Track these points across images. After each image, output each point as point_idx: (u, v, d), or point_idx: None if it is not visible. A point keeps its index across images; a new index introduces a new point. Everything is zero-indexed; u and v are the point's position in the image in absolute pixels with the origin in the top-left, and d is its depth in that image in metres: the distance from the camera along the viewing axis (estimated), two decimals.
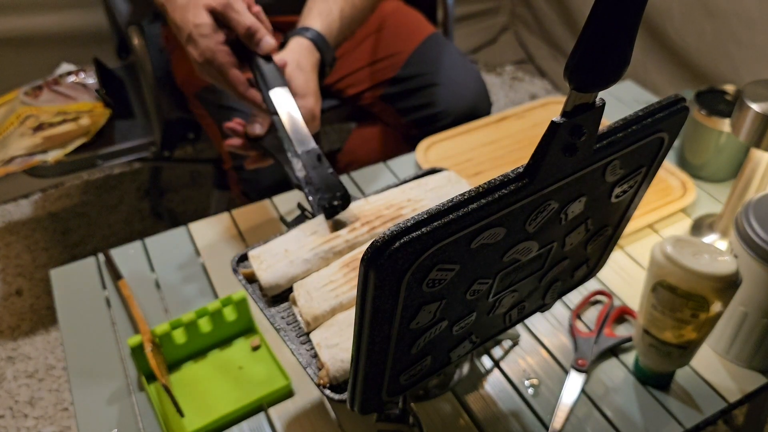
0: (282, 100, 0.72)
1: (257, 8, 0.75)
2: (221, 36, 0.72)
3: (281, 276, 0.61)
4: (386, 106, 1.19)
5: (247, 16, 0.72)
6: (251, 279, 0.62)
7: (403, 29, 1.20)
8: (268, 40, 0.73)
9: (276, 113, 0.72)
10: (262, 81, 0.73)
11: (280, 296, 0.62)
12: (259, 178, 1.05)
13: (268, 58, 0.75)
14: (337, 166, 1.30)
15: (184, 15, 0.72)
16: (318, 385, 0.54)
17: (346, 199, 0.67)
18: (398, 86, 1.18)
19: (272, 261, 0.61)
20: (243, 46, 0.74)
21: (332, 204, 0.66)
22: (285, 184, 0.99)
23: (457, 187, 0.69)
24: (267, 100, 0.73)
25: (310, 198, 0.68)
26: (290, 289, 0.61)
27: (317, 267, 0.63)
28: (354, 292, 0.59)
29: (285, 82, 0.74)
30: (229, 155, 1.08)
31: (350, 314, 0.59)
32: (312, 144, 0.71)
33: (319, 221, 0.66)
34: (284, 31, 1.18)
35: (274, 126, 0.74)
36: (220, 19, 0.72)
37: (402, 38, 1.19)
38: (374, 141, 1.23)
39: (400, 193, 0.69)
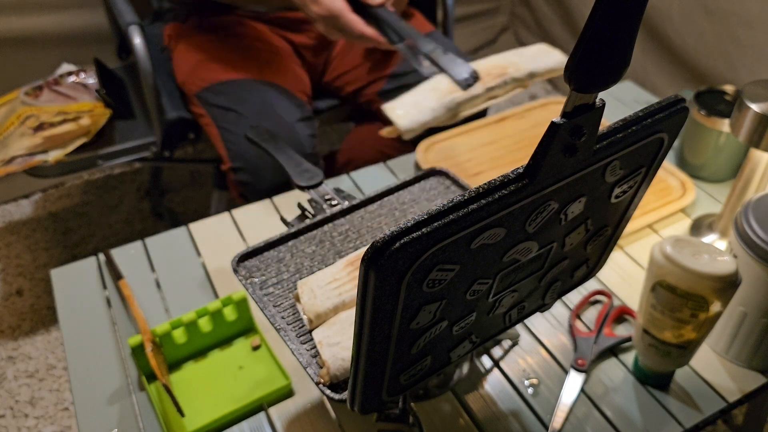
0: (403, 28, 0.92)
1: None
2: None
3: (414, 121, 0.86)
4: (384, 102, 1.19)
5: None
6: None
7: None
8: None
9: (400, 41, 0.92)
10: (384, 22, 0.93)
11: (280, 295, 0.62)
12: (256, 181, 1.05)
13: (378, 5, 0.94)
14: (336, 164, 1.31)
15: None
16: (318, 385, 0.55)
17: (475, 75, 0.87)
18: (396, 82, 1.18)
19: (405, 110, 0.85)
20: (357, 3, 0.92)
21: (465, 78, 0.85)
22: (282, 187, 0.99)
23: (552, 55, 0.91)
24: (391, 34, 0.92)
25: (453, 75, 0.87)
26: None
27: (443, 117, 0.87)
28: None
29: (399, 18, 0.93)
30: (227, 156, 1.08)
31: (352, 313, 0.59)
32: (433, 43, 0.91)
33: (442, 79, 0.88)
34: (290, 28, 1.19)
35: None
36: None
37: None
38: (372, 139, 1.24)
39: (503, 60, 0.90)
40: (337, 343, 0.56)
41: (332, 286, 0.59)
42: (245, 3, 1.15)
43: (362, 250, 0.63)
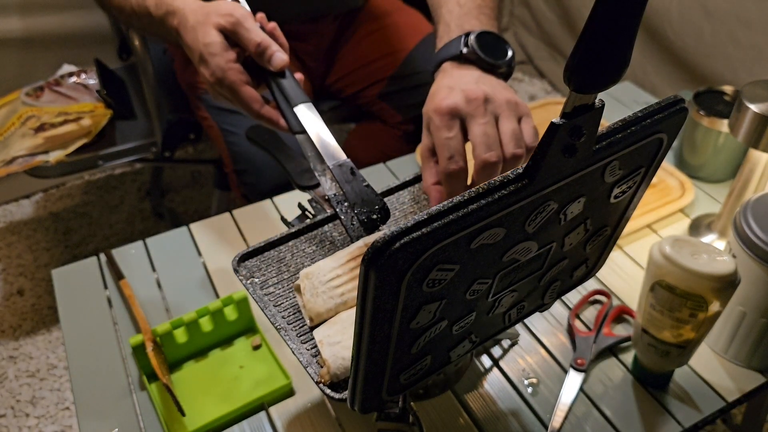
0: (307, 117, 0.69)
1: (272, 25, 0.73)
2: (232, 54, 0.70)
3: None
4: (384, 104, 1.19)
5: (257, 32, 0.69)
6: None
7: (401, 28, 1.20)
8: (280, 56, 0.70)
9: (302, 131, 0.68)
10: (282, 99, 0.70)
11: (281, 295, 0.62)
12: (259, 182, 1.05)
13: (283, 74, 0.71)
14: None
15: (194, 36, 0.70)
16: (318, 384, 0.55)
17: (385, 212, 0.64)
18: (396, 84, 1.18)
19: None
20: (258, 66, 0.71)
21: (371, 218, 0.63)
22: (285, 187, 1.00)
23: None
24: (289, 118, 0.69)
25: (343, 217, 0.64)
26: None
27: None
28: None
29: (307, 98, 0.70)
30: (229, 158, 1.08)
31: (353, 313, 0.59)
32: (343, 157, 0.67)
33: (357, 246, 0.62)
34: (299, 39, 1.18)
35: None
36: (231, 38, 0.70)
37: (400, 37, 1.20)
38: (372, 139, 1.24)
39: None
40: (338, 342, 0.56)
41: (334, 284, 0.59)
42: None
43: (366, 241, 0.62)
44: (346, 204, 0.65)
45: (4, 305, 1.46)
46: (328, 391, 0.54)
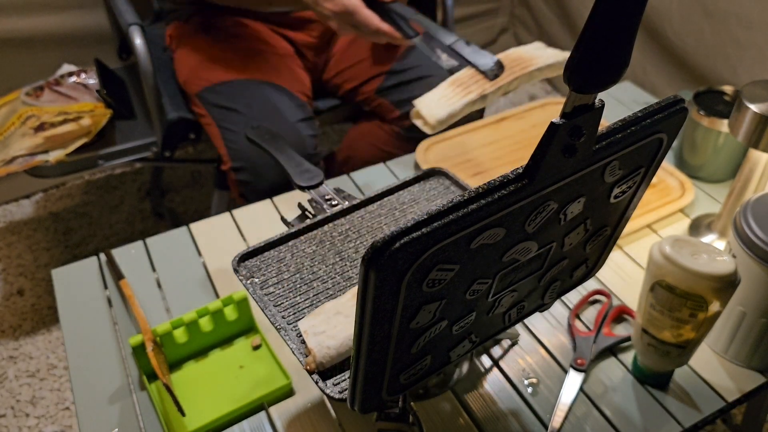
0: (421, 24, 0.93)
1: None
2: None
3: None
4: (382, 99, 1.20)
5: None
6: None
7: None
8: None
9: (415, 35, 0.93)
10: (397, 16, 0.94)
11: (281, 295, 0.63)
12: (256, 182, 1.06)
13: (391, 1, 0.95)
14: (335, 162, 1.31)
15: None
16: (310, 374, 0.55)
17: (500, 65, 0.88)
18: (394, 78, 1.19)
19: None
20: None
21: (491, 67, 0.87)
22: (282, 187, 1.00)
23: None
24: (406, 28, 0.93)
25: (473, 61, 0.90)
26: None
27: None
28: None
29: (415, 11, 0.94)
30: (227, 156, 1.08)
31: (337, 303, 0.60)
32: (455, 35, 0.92)
33: (463, 73, 0.89)
34: (292, 26, 1.19)
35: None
36: None
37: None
38: (371, 136, 1.25)
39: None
40: (323, 332, 0.57)
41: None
42: (250, 4, 1.15)
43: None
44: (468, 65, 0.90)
45: (4, 305, 1.46)
46: (328, 390, 0.55)
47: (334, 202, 0.72)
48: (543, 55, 0.92)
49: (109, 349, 0.74)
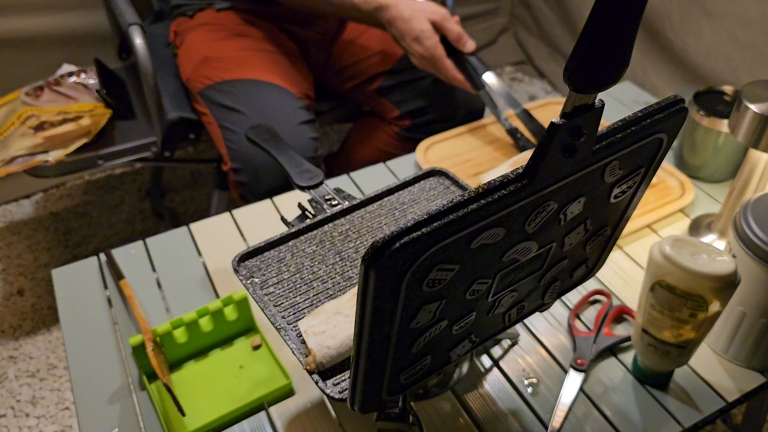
0: (491, 80, 1.03)
1: (457, 18, 1.05)
2: (438, 37, 1.01)
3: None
4: (382, 99, 1.20)
5: (457, 26, 1.02)
6: None
7: None
8: (471, 43, 1.03)
9: (482, 87, 1.03)
10: (471, 69, 1.03)
11: (281, 295, 0.63)
12: (255, 183, 1.05)
13: (470, 54, 1.04)
14: (335, 161, 1.31)
15: (410, 24, 1.00)
16: (310, 374, 0.55)
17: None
18: (394, 78, 1.19)
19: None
20: (449, 46, 1.03)
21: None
22: (281, 189, 1.00)
23: None
24: (477, 80, 1.02)
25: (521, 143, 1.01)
26: None
27: None
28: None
29: (489, 67, 1.04)
30: (228, 156, 1.08)
31: (337, 303, 0.60)
32: (522, 106, 1.03)
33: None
34: (298, 23, 1.20)
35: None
36: (437, 27, 1.01)
37: None
38: (370, 137, 1.25)
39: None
40: (323, 332, 0.57)
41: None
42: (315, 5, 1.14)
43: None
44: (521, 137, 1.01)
45: (4, 305, 1.46)
46: (328, 390, 0.55)
47: (334, 202, 0.72)
48: None
49: (109, 349, 0.74)
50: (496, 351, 0.73)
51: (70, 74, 1.24)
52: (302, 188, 0.74)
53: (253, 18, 1.19)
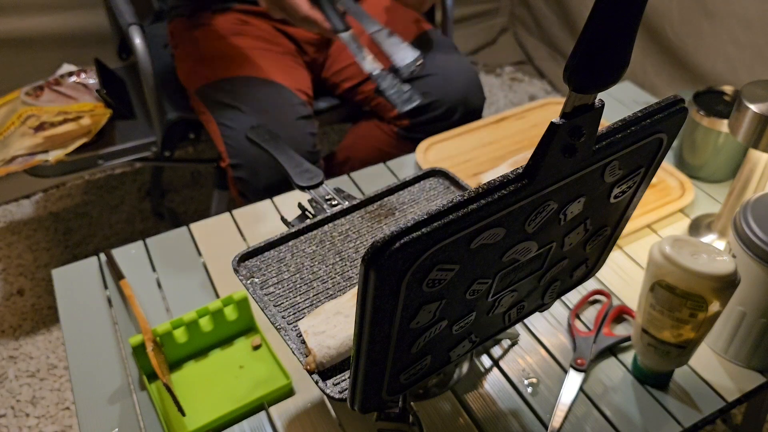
0: (351, 8, 0.91)
1: None
2: None
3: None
4: (381, 98, 1.20)
5: None
6: None
7: (399, 24, 1.21)
8: None
9: (344, 30, 0.90)
10: (330, 9, 0.91)
11: (281, 295, 0.63)
12: (254, 179, 1.06)
13: None
14: (335, 161, 1.31)
15: None
16: (310, 374, 0.55)
17: (419, 61, 0.90)
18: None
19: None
20: None
21: (407, 64, 0.89)
22: (280, 186, 1.00)
23: None
24: (335, 20, 0.89)
25: (392, 90, 0.87)
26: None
27: None
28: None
29: (353, 3, 0.93)
30: (226, 153, 1.08)
31: (337, 303, 0.60)
32: (379, 25, 0.93)
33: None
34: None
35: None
36: None
37: (398, 32, 1.20)
38: (371, 136, 1.25)
39: None
40: (323, 332, 0.57)
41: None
42: None
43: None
44: (390, 76, 0.86)
45: (4, 305, 1.46)
46: (328, 390, 0.55)
47: (334, 202, 0.72)
48: None
49: (109, 349, 0.74)
50: (496, 351, 0.73)
51: (70, 74, 1.24)
52: (302, 188, 0.74)
53: (251, 18, 1.19)
